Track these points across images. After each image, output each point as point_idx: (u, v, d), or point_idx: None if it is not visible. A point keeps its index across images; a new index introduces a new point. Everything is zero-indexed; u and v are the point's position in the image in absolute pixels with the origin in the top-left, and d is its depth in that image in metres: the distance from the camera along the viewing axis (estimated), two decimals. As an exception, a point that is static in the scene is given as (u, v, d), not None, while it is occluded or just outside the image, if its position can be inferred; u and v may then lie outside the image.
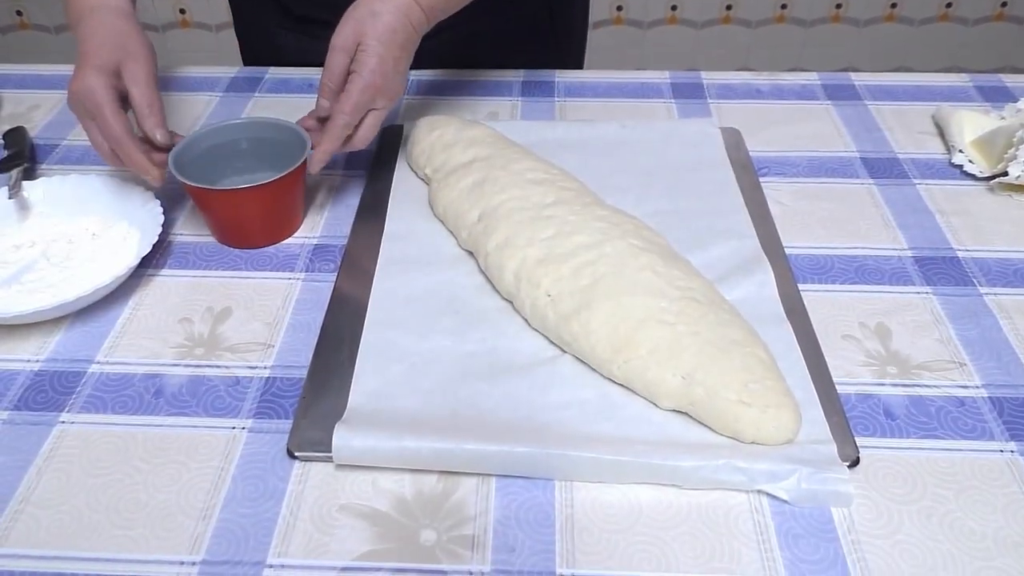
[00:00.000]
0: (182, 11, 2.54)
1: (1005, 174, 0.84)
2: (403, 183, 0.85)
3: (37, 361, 0.67)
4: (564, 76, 1.06)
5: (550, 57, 1.11)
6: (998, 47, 2.64)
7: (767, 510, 0.56)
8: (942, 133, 0.94)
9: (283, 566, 0.53)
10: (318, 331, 0.69)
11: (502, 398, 0.62)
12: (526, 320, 0.68)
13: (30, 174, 0.87)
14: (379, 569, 0.53)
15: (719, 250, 0.75)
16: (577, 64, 1.22)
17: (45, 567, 0.53)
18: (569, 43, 1.18)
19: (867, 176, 0.88)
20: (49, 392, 0.64)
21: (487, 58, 1.07)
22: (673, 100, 1.01)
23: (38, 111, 1.00)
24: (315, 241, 0.80)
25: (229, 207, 0.77)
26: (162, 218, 0.75)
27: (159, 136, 0.75)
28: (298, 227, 0.81)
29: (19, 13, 2.55)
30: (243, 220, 0.78)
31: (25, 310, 0.66)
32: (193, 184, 0.74)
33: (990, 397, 0.64)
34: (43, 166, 0.91)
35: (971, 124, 0.92)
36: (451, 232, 0.78)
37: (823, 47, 2.63)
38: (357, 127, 0.78)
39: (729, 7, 2.55)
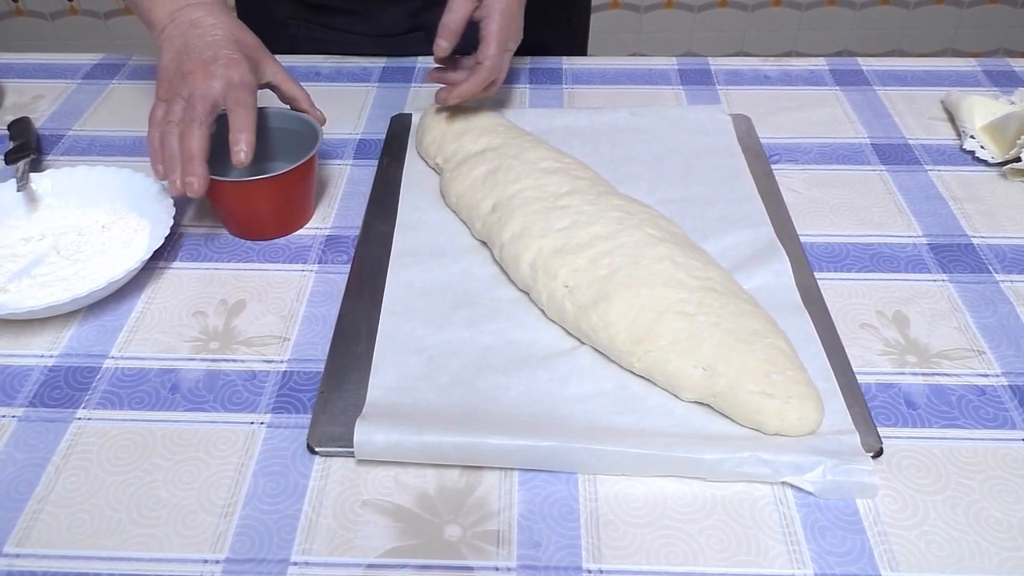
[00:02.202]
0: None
1: (1017, 160, 0.84)
2: (414, 172, 0.85)
3: (51, 356, 0.66)
4: (571, 63, 1.05)
5: (555, 43, 1.10)
6: (993, 29, 2.64)
7: (792, 502, 0.56)
8: (952, 118, 0.94)
9: (307, 563, 0.53)
10: (333, 324, 0.68)
11: (521, 391, 0.62)
12: (543, 311, 0.68)
13: (37, 166, 0.86)
14: (405, 566, 0.52)
15: (734, 238, 0.75)
16: (581, 50, 1.21)
17: (67, 567, 0.53)
18: (574, 28, 1.17)
19: (878, 162, 0.87)
20: (64, 388, 0.64)
21: None
22: (681, 86, 1.01)
23: (42, 101, 0.99)
24: (327, 232, 0.79)
25: (240, 199, 0.76)
26: (173, 210, 0.74)
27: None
28: (309, 219, 0.80)
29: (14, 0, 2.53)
30: (254, 212, 0.77)
31: (39, 305, 0.65)
32: None
33: (1010, 385, 0.64)
34: (49, 157, 0.90)
35: (981, 109, 0.91)
36: (464, 222, 0.77)
37: (819, 30, 2.63)
38: None
39: (726, -10, 2.55)
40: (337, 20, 1.07)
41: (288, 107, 0.82)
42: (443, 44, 0.80)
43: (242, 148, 0.70)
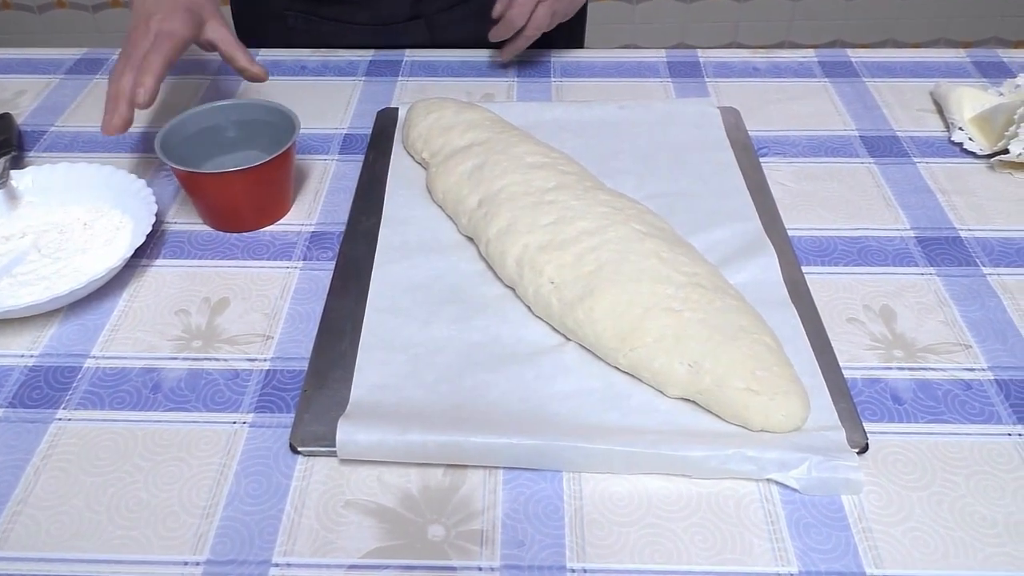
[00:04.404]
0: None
1: (1006, 152, 0.84)
2: (400, 167, 0.84)
3: (31, 356, 0.66)
4: (560, 56, 1.05)
5: (551, 37, 1.10)
6: (986, 18, 2.64)
7: (777, 499, 0.55)
8: (941, 110, 0.94)
9: (289, 565, 0.52)
10: (318, 321, 0.68)
11: (507, 389, 0.61)
12: (529, 308, 0.68)
13: (18, 162, 0.86)
14: (387, 567, 0.52)
15: (721, 233, 0.74)
16: (578, 43, 1.20)
17: (46, 569, 0.52)
18: (571, 22, 1.16)
19: (867, 155, 0.87)
20: (44, 388, 0.63)
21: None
22: (670, 79, 1.00)
23: (24, 96, 0.98)
24: (312, 228, 0.78)
25: (217, 190, 0.75)
26: (155, 207, 0.73)
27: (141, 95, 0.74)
28: (287, 210, 0.80)
29: (0, -8, 2.52)
30: (232, 203, 0.76)
31: (19, 304, 0.64)
32: (181, 167, 0.73)
33: (996, 380, 0.63)
34: (31, 154, 0.89)
35: (970, 101, 0.91)
36: (450, 217, 0.77)
37: (812, 20, 2.63)
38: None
39: (719, -20, 2.54)
40: (335, 10, 1.06)
41: (271, 102, 0.82)
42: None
43: (139, 89, 0.73)
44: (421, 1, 1.05)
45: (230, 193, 0.75)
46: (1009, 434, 0.60)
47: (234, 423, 0.61)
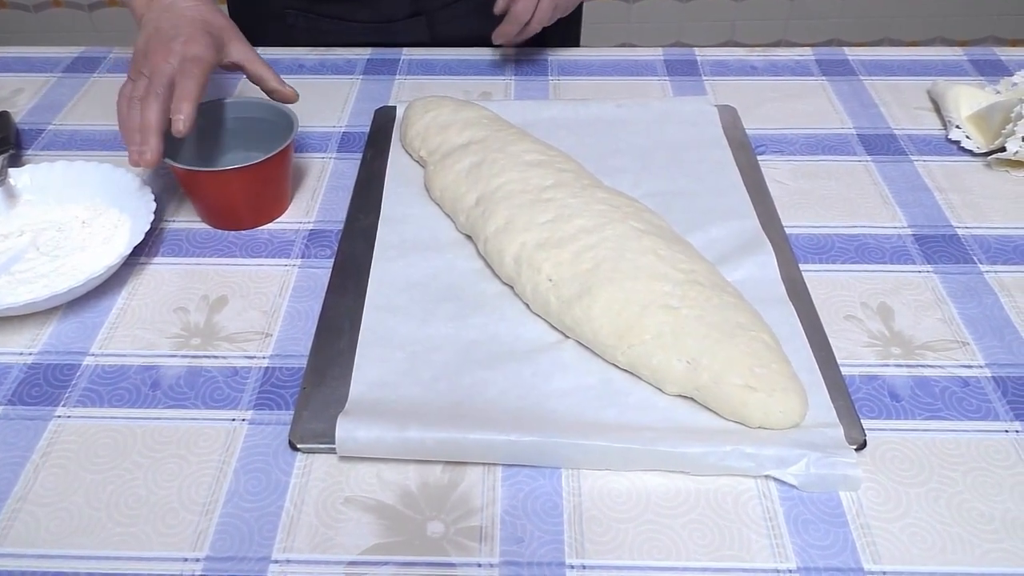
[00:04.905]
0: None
1: (1003, 150, 0.84)
2: (398, 166, 0.84)
3: (30, 354, 0.66)
4: (557, 54, 1.05)
5: (547, 35, 1.10)
6: (983, 17, 2.64)
7: (775, 495, 0.56)
8: (938, 108, 0.94)
9: (288, 561, 0.52)
10: (316, 319, 0.68)
11: (506, 386, 0.61)
12: (527, 305, 0.68)
13: (16, 161, 0.85)
14: (387, 563, 0.52)
15: (719, 231, 0.74)
16: (574, 41, 1.20)
17: (46, 566, 0.52)
18: (567, 20, 1.16)
19: (864, 153, 0.87)
20: (44, 386, 0.63)
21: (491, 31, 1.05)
22: (667, 78, 1.00)
23: (22, 95, 0.98)
24: (310, 226, 0.78)
25: (216, 189, 0.75)
26: (154, 205, 0.73)
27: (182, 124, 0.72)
28: (285, 209, 0.80)
29: (-5, -9, 2.51)
30: (230, 202, 0.77)
31: (17, 302, 0.64)
32: (179, 166, 0.73)
33: (994, 377, 0.64)
34: (28, 152, 0.89)
35: (967, 99, 0.91)
36: (448, 215, 0.77)
37: (809, 18, 2.63)
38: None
39: (716, -21, 2.54)
40: (335, 8, 1.06)
41: (265, 96, 0.82)
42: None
43: (179, 117, 0.71)
44: None
45: (228, 191, 0.75)
46: (1006, 431, 0.60)
47: (233, 420, 0.61)
